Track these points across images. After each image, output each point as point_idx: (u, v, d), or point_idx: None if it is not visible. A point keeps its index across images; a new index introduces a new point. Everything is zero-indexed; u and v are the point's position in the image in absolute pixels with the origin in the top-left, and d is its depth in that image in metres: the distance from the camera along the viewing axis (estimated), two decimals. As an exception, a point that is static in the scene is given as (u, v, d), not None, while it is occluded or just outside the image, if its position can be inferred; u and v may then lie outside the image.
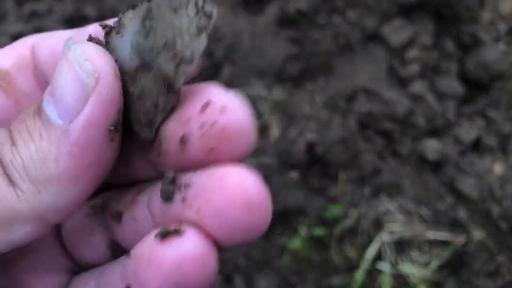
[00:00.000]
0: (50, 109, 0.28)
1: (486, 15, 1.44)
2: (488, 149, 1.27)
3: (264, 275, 1.19)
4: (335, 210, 1.21)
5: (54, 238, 0.37)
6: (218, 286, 1.18)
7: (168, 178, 0.28)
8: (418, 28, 1.45)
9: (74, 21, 1.49)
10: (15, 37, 1.43)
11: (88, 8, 1.53)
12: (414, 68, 1.39)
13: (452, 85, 1.37)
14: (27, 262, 0.36)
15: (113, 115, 0.27)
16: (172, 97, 0.28)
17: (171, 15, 0.27)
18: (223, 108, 0.27)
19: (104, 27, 0.31)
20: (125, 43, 0.29)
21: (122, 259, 0.31)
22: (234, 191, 0.25)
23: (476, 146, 1.29)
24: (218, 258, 0.27)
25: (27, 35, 0.38)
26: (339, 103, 1.37)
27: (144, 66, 0.28)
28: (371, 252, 1.15)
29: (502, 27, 1.42)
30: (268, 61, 1.41)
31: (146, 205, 0.31)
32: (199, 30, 0.27)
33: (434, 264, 1.13)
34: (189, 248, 0.26)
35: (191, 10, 0.27)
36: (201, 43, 0.27)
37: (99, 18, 1.48)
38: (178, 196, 0.27)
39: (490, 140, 1.27)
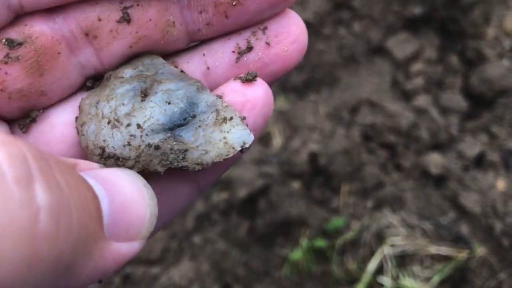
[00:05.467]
0: None
1: (491, 31, 1.44)
2: (491, 165, 1.26)
3: (263, 286, 1.17)
4: (337, 222, 1.20)
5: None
6: (216, 296, 1.17)
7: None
8: (423, 42, 1.45)
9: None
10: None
11: None
12: (418, 82, 1.40)
13: (456, 100, 1.37)
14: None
15: None
16: None
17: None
18: None
19: None
20: None
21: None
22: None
23: (479, 161, 1.29)
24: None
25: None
26: (342, 114, 1.36)
27: None
28: (372, 265, 1.14)
29: (507, 43, 1.42)
30: (272, 71, 1.40)
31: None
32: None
33: (436, 279, 1.12)
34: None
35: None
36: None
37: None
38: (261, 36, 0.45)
39: (493, 156, 1.27)
